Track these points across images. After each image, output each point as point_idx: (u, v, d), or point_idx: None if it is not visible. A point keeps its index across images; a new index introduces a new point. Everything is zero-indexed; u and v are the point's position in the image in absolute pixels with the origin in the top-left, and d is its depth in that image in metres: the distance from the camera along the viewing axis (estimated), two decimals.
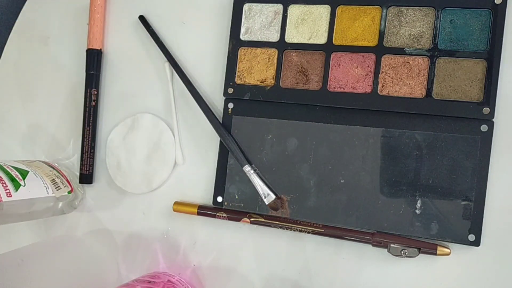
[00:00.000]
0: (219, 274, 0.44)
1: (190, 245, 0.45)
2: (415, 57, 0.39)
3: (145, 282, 0.41)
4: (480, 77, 0.38)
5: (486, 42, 0.37)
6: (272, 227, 0.42)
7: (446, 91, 0.38)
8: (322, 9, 0.41)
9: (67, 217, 0.48)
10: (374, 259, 0.40)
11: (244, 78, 0.43)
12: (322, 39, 0.41)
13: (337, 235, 0.40)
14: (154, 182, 0.46)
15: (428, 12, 0.39)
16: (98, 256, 0.47)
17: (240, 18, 0.43)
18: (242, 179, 0.42)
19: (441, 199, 0.38)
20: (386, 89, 0.40)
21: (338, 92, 0.41)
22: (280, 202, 0.41)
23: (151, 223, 0.46)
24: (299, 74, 0.42)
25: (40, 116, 0.50)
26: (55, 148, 0.49)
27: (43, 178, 0.43)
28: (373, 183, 0.39)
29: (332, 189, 0.40)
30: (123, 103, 0.48)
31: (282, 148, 0.42)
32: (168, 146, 0.45)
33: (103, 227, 0.48)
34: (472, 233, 0.37)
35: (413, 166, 0.39)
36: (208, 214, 0.44)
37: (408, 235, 0.39)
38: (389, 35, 0.40)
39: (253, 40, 0.43)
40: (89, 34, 0.48)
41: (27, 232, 0.49)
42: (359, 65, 0.40)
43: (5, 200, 0.39)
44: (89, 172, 0.47)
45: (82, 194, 0.48)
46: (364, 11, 0.40)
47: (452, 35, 0.38)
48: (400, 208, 0.39)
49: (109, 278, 0.46)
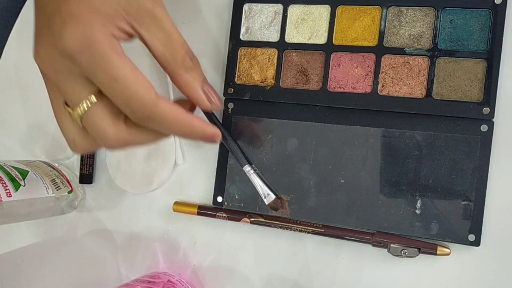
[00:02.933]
0: (219, 274, 0.44)
1: (190, 245, 0.45)
2: (415, 57, 0.39)
3: (145, 282, 0.41)
4: (480, 77, 0.38)
5: (486, 42, 0.37)
6: (272, 227, 0.42)
7: (446, 91, 0.38)
8: (322, 9, 0.41)
9: (67, 217, 0.48)
10: (374, 259, 0.40)
11: (244, 78, 0.43)
12: (322, 39, 0.41)
13: (337, 235, 0.40)
14: (154, 182, 0.46)
15: (428, 12, 0.39)
16: (98, 256, 0.47)
17: (240, 18, 0.43)
18: (242, 179, 0.42)
19: (441, 199, 0.38)
20: (386, 89, 0.40)
21: (338, 92, 0.41)
22: (280, 202, 0.41)
23: (151, 223, 0.46)
24: (299, 74, 0.42)
25: (40, 116, 0.50)
26: (55, 148, 0.49)
27: (43, 178, 0.43)
28: (373, 183, 0.39)
29: (332, 189, 0.40)
30: None
31: (282, 148, 0.42)
32: (168, 146, 0.45)
33: (103, 227, 0.48)
34: (472, 233, 0.37)
35: (413, 166, 0.39)
36: (208, 214, 0.44)
37: (408, 235, 0.39)
38: (389, 35, 0.40)
39: (253, 40, 0.43)
40: None
41: (27, 232, 0.49)
42: (359, 65, 0.40)
43: (5, 200, 0.39)
44: (89, 172, 0.47)
45: (82, 194, 0.48)
46: (364, 11, 0.40)
47: (452, 35, 0.38)
48: (400, 208, 0.39)
49: (109, 278, 0.46)
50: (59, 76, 0.30)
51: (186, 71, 0.33)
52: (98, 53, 0.29)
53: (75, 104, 0.31)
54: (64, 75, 0.30)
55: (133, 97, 0.29)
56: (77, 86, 0.30)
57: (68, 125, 0.33)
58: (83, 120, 0.31)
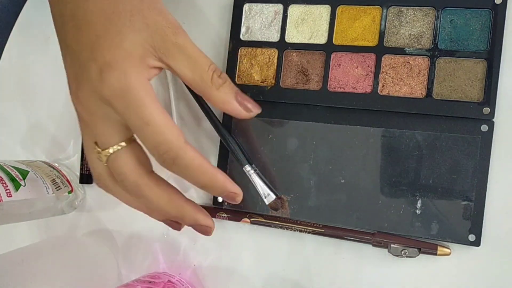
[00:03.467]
0: (219, 274, 0.44)
1: (190, 245, 0.45)
2: (415, 57, 0.39)
3: (145, 282, 0.41)
4: (480, 77, 0.38)
5: (486, 42, 0.37)
6: (272, 227, 0.42)
7: (446, 91, 0.38)
8: (322, 9, 0.41)
9: (67, 217, 0.48)
10: (374, 259, 0.40)
11: (244, 78, 0.43)
12: (322, 39, 0.41)
13: (337, 235, 0.40)
14: None
15: (428, 12, 0.39)
16: (98, 256, 0.47)
17: (240, 18, 0.43)
18: (242, 179, 0.42)
19: (441, 199, 0.38)
20: (386, 89, 0.40)
21: (338, 92, 0.41)
22: (280, 202, 0.41)
23: (151, 223, 0.46)
24: (299, 74, 0.42)
25: (40, 116, 0.50)
26: (55, 148, 0.49)
27: (43, 178, 0.43)
28: (374, 183, 0.39)
29: (332, 189, 0.40)
30: None
31: (282, 148, 0.42)
32: None
33: (103, 227, 0.48)
34: (473, 233, 0.37)
35: (413, 166, 0.39)
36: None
37: (408, 235, 0.39)
38: (389, 35, 0.40)
39: (253, 40, 0.43)
40: None
41: (27, 232, 0.49)
42: (359, 65, 0.40)
43: (5, 200, 0.39)
44: (89, 172, 0.47)
45: (82, 194, 0.48)
46: (364, 11, 0.40)
47: (452, 35, 0.38)
48: (400, 208, 0.39)
49: (109, 278, 0.46)
50: (94, 119, 0.32)
51: (217, 89, 0.34)
52: (134, 99, 0.31)
53: (105, 146, 0.33)
54: (99, 118, 0.32)
55: (163, 140, 0.31)
56: (110, 130, 0.33)
57: (96, 161, 0.35)
58: (109, 160, 0.33)
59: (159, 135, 0.31)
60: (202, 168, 0.33)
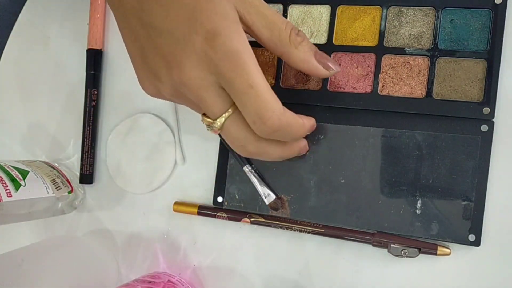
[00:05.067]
0: (219, 274, 0.44)
1: (190, 245, 0.45)
2: (415, 57, 0.39)
3: (145, 282, 0.41)
4: (480, 77, 0.38)
5: (486, 42, 0.37)
6: (272, 227, 0.42)
7: (446, 91, 0.38)
8: (322, 9, 0.41)
9: (67, 217, 0.48)
10: (374, 259, 0.40)
11: None
12: (322, 39, 0.41)
13: (337, 235, 0.40)
14: (154, 182, 0.46)
15: (428, 12, 0.39)
16: (98, 256, 0.47)
17: None
18: (242, 179, 0.42)
19: (441, 199, 0.38)
20: (386, 89, 0.40)
21: (338, 92, 0.41)
22: (280, 202, 0.41)
23: (151, 223, 0.46)
24: (299, 74, 0.42)
25: (40, 116, 0.50)
26: (55, 148, 0.49)
27: (43, 178, 0.43)
28: (374, 183, 0.39)
29: (332, 189, 0.40)
30: (123, 103, 0.48)
31: None
32: (168, 146, 0.45)
33: (103, 227, 0.48)
34: (472, 233, 0.37)
35: (413, 166, 0.39)
36: (208, 214, 0.44)
37: (408, 235, 0.39)
38: (389, 35, 0.40)
39: (253, 40, 0.43)
40: (89, 34, 0.47)
41: (27, 232, 0.49)
42: (359, 65, 0.40)
43: (5, 200, 0.39)
44: (89, 172, 0.47)
45: (83, 194, 0.48)
46: (364, 11, 0.40)
47: (452, 35, 0.38)
48: (400, 208, 0.39)
49: (109, 278, 0.46)
50: (201, 92, 0.33)
51: (296, 48, 0.35)
52: (240, 61, 0.32)
53: (216, 116, 0.34)
54: (206, 90, 0.33)
55: (265, 105, 0.32)
56: (217, 99, 0.33)
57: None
58: (223, 128, 0.34)
59: (261, 98, 0.32)
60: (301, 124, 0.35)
